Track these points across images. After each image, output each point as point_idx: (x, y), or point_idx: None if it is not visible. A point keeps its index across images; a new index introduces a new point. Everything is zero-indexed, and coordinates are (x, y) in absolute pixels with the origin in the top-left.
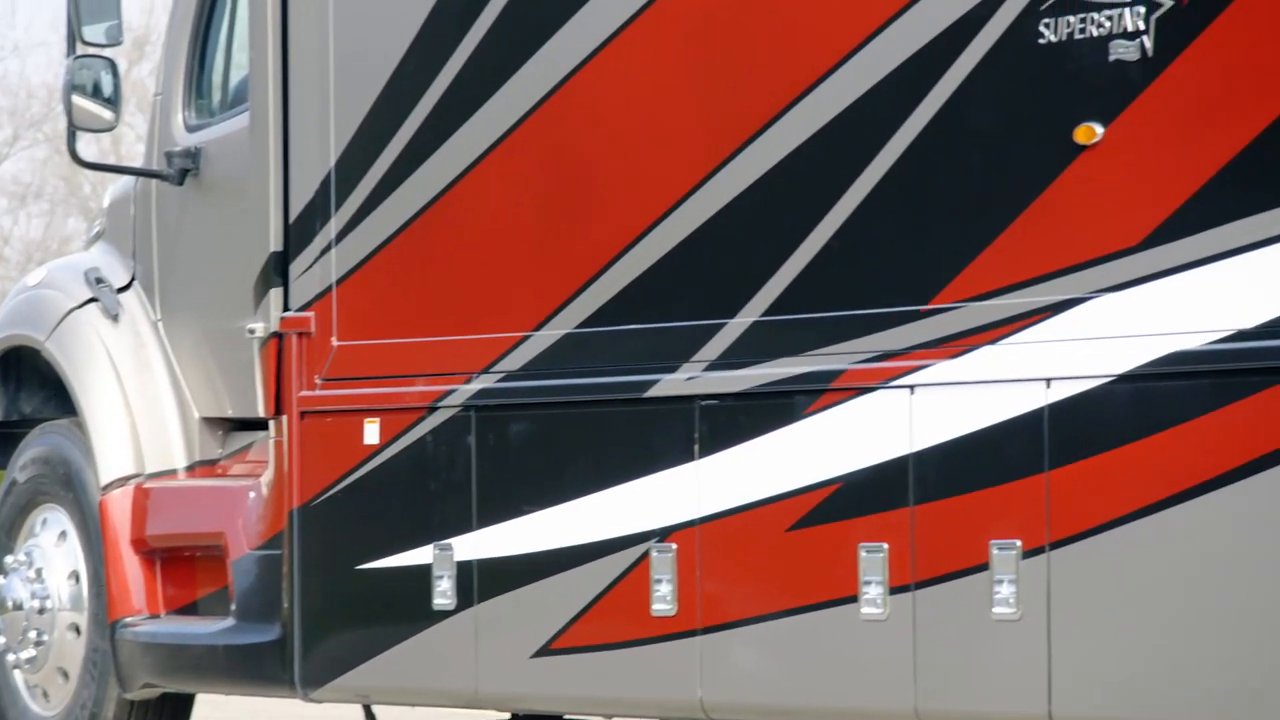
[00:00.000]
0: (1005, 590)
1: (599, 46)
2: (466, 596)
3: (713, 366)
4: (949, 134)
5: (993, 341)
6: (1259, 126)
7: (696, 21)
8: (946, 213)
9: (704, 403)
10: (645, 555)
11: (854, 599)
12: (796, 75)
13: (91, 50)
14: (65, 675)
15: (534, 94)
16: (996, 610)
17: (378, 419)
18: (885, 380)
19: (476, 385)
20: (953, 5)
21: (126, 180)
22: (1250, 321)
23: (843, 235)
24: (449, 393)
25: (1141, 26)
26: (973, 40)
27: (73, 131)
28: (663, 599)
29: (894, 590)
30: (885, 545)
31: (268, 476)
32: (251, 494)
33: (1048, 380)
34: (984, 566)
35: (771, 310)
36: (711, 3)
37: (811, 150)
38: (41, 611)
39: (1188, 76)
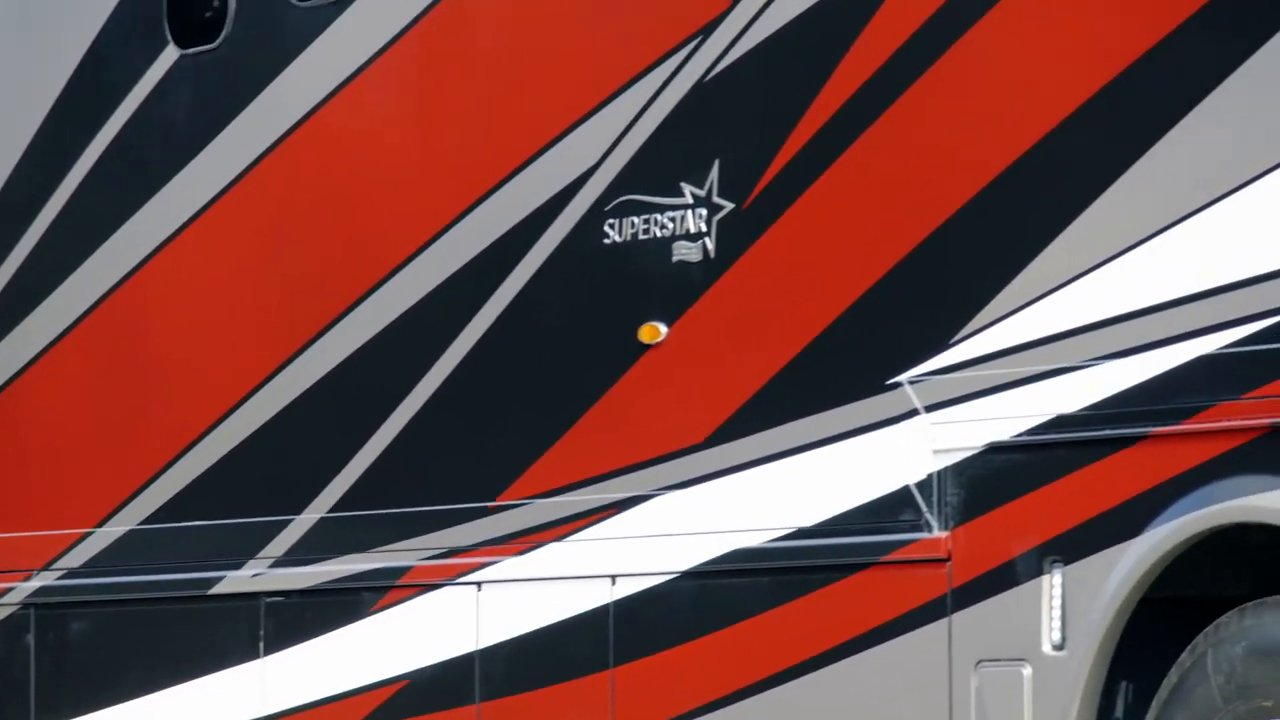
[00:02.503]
0: None
1: (166, 239)
2: None
3: (279, 563)
4: (515, 332)
5: (559, 538)
6: (817, 328)
7: (263, 218)
8: (513, 410)
9: (269, 600)
10: None
11: None
12: (363, 272)
13: None
14: None
15: (98, 288)
16: None
17: None
18: (452, 577)
19: (36, 583)
20: (518, 205)
21: None
22: (810, 520)
23: (410, 432)
24: (7, 591)
25: (703, 228)
26: (538, 240)
27: None
28: None
29: None
30: None
31: None
32: None
33: (613, 577)
34: None
35: (338, 507)
36: (279, 200)
37: (379, 347)
38: None
39: (748, 278)
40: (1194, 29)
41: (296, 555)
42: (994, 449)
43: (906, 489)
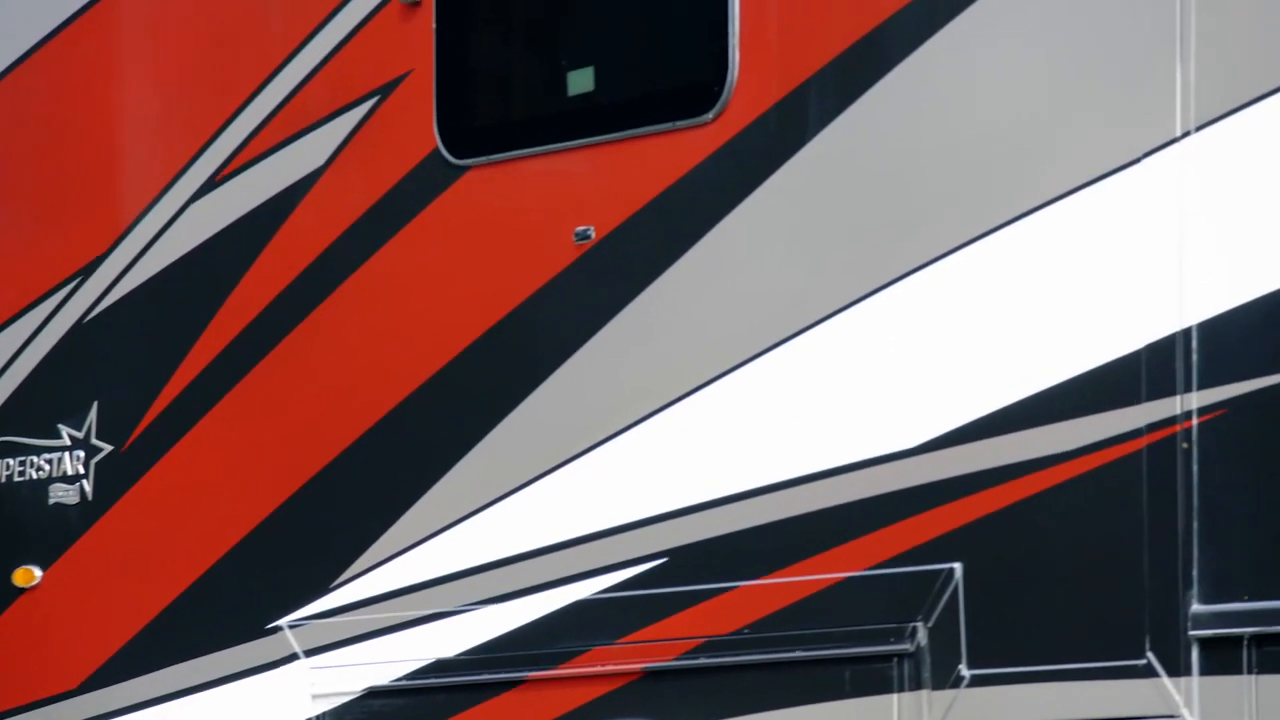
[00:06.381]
0: None
1: None
2: None
3: None
4: None
5: None
6: (197, 572)
7: None
8: None
9: None
10: None
11: None
12: None
13: None
14: None
15: None
16: None
17: None
18: None
19: None
20: None
21: None
22: None
23: None
24: None
25: (81, 470)
26: None
27: None
28: None
29: None
30: None
31: None
32: None
33: None
34: None
35: None
36: None
37: None
38: None
39: (128, 521)
40: (563, 283)
41: None
42: (373, 694)
43: None
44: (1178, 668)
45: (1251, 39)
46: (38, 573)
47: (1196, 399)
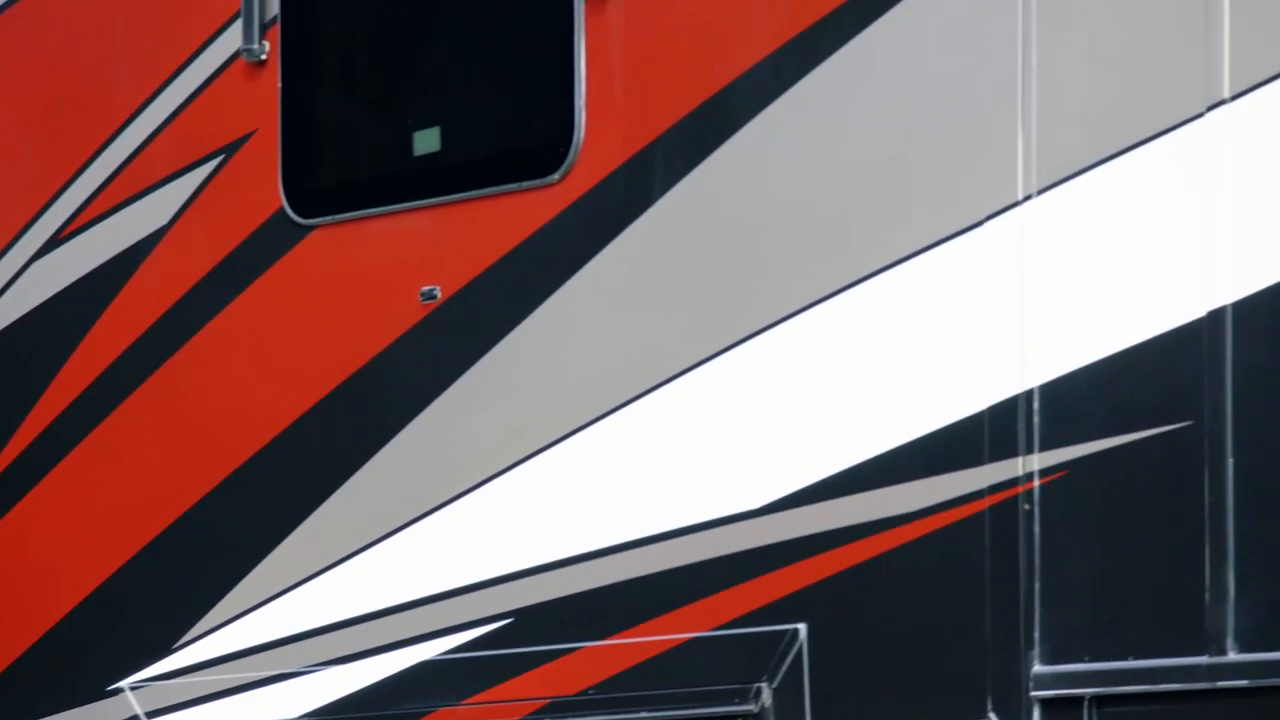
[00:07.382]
0: None
1: None
2: None
3: None
4: None
5: None
6: (38, 633)
7: None
8: None
9: None
10: None
11: None
12: None
13: None
14: None
15: None
16: None
17: None
18: None
19: None
20: None
21: None
22: None
23: None
24: None
25: None
26: None
27: None
28: None
29: None
30: None
31: None
32: None
33: None
34: None
35: None
36: None
37: None
38: None
39: None
40: (409, 343)
41: None
42: None
43: None
44: None
45: (1091, 105)
46: None
47: (1038, 460)
